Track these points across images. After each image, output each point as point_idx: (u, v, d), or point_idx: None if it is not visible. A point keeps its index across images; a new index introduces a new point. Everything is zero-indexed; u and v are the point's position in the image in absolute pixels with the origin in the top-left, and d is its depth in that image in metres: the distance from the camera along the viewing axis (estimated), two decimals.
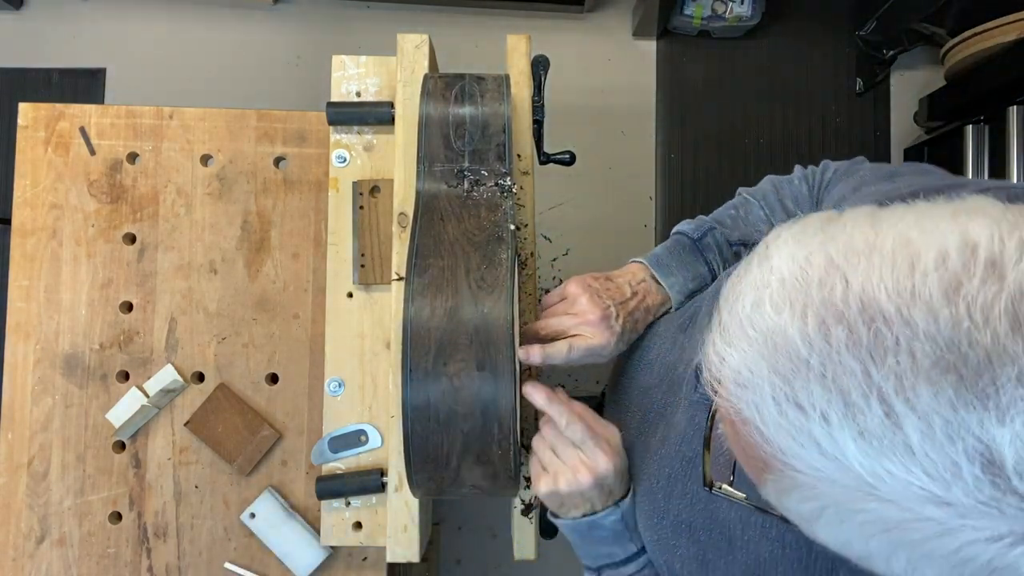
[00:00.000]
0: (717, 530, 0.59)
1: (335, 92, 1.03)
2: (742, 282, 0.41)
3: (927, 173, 0.67)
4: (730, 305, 0.40)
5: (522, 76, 0.98)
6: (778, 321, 0.36)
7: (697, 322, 0.70)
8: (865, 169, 0.74)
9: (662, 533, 0.66)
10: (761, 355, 0.37)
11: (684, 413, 0.66)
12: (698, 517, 0.61)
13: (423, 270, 0.74)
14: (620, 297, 0.79)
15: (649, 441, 0.71)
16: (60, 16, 2.08)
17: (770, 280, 0.38)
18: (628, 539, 0.72)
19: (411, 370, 0.70)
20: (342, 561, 1.03)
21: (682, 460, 0.64)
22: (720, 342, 0.40)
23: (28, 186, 1.07)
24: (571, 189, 2.03)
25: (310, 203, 1.08)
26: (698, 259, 0.82)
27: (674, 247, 0.83)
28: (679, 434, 0.65)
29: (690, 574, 0.62)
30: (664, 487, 0.66)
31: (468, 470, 0.74)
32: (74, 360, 1.05)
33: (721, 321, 0.41)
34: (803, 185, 0.82)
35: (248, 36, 2.09)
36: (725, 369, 0.39)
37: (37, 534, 1.03)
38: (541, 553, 0.93)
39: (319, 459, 0.98)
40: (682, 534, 0.63)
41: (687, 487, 0.63)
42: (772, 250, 0.40)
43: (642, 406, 0.75)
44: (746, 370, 0.37)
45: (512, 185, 0.84)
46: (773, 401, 0.36)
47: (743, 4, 1.96)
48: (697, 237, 0.82)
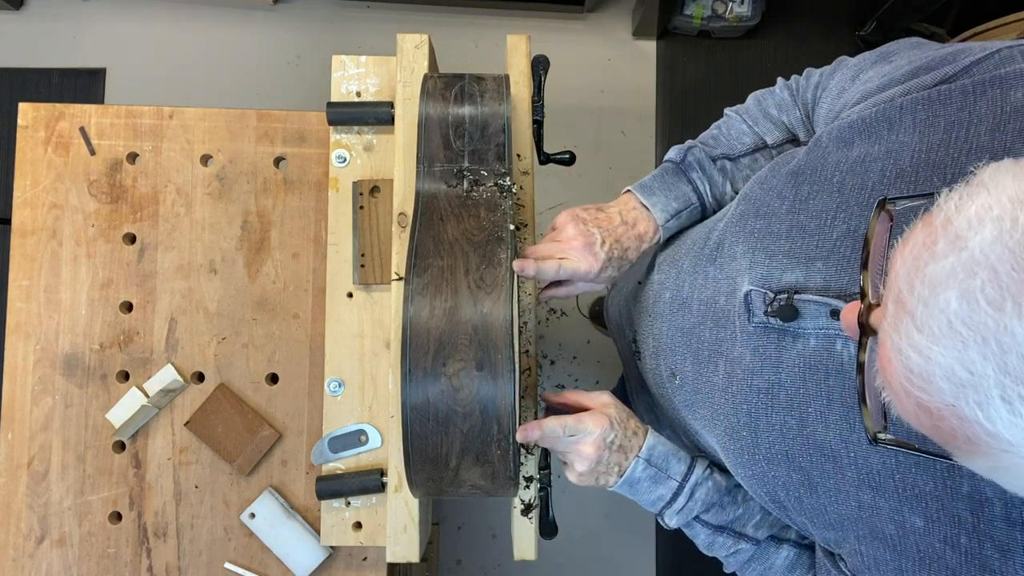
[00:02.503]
0: (818, 453, 0.59)
1: (335, 92, 1.03)
2: (933, 265, 0.37)
3: (920, 46, 0.67)
4: (924, 297, 0.37)
5: (522, 76, 0.98)
6: (1001, 320, 0.34)
7: (725, 251, 0.69)
8: (854, 59, 0.73)
9: (756, 468, 0.65)
10: (983, 356, 0.34)
11: (745, 345, 0.64)
12: (794, 445, 0.61)
13: (423, 270, 0.74)
14: (608, 225, 0.81)
15: (713, 380, 0.70)
16: (60, 16, 2.08)
17: (976, 271, 0.35)
18: (665, 476, 0.76)
19: (411, 370, 0.70)
20: (342, 561, 1.03)
21: (759, 393, 0.63)
22: (919, 337, 0.37)
23: (28, 186, 1.07)
24: (571, 189, 2.03)
25: (310, 203, 1.08)
26: (681, 179, 0.83)
27: (660, 172, 0.85)
28: (746, 367, 0.64)
29: (797, 499, 0.62)
30: (748, 423, 0.65)
31: (467, 470, 0.74)
32: (74, 360, 1.05)
33: (914, 313, 0.37)
34: (784, 92, 0.82)
35: (248, 36, 2.09)
36: (932, 367, 0.36)
37: (37, 534, 1.03)
38: (541, 553, 0.93)
39: (319, 459, 0.98)
40: (780, 464, 0.62)
41: (773, 419, 0.62)
42: (966, 227, 0.36)
43: (691, 347, 0.74)
44: (964, 371, 0.35)
45: (512, 185, 0.84)
46: (1003, 401, 0.34)
47: (743, 4, 1.96)
48: (679, 160, 0.84)
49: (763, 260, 0.63)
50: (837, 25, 2.10)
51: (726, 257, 0.69)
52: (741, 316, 0.64)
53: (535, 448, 0.91)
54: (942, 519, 0.52)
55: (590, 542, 1.92)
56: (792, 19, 2.10)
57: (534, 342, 0.94)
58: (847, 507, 0.58)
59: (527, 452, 0.91)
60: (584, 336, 1.99)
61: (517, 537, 0.91)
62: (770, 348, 0.62)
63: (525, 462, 0.90)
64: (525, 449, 0.91)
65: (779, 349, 0.61)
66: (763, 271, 0.63)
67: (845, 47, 2.09)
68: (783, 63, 2.08)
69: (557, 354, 1.99)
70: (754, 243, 0.65)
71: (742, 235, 0.67)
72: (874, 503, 0.56)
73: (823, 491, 0.59)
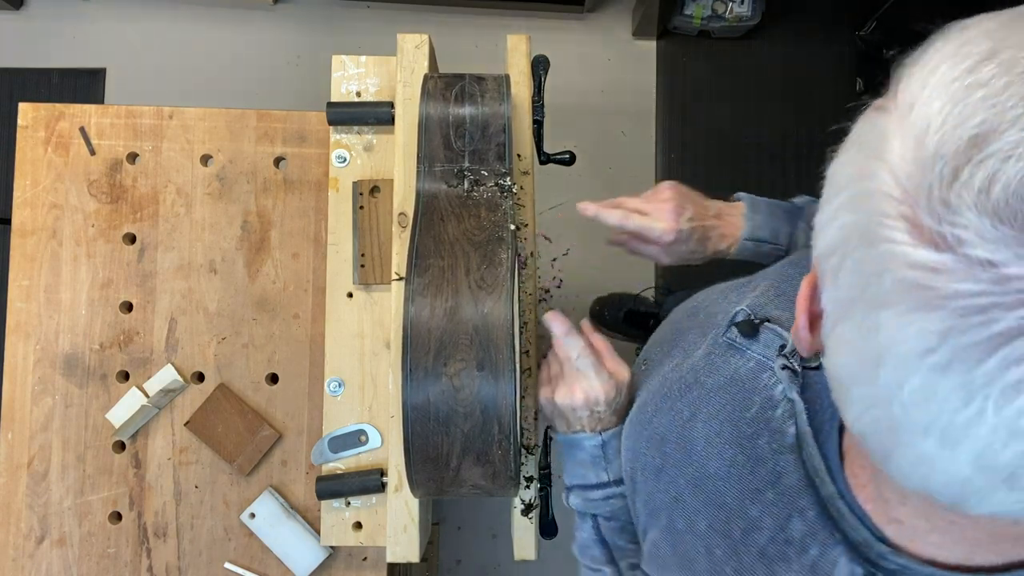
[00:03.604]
0: (683, 445, 0.62)
1: (335, 92, 1.03)
2: None
3: None
4: None
5: (522, 76, 0.98)
6: None
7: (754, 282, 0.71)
8: None
9: (638, 442, 0.68)
10: None
11: (704, 348, 0.67)
12: (672, 432, 0.64)
13: (423, 270, 0.74)
14: (702, 210, 0.83)
15: (663, 367, 0.73)
16: (60, 16, 2.08)
17: None
18: (603, 468, 0.76)
19: (411, 370, 0.70)
20: (342, 561, 1.03)
21: (682, 382, 0.66)
22: None
23: (28, 186, 1.07)
24: (571, 189, 2.03)
25: (310, 203, 1.08)
26: (788, 220, 0.84)
27: (778, 203, 0.86)
28: (690, 363, 0.67)
29: (645, 483, 0.65)
30: (655, 403, 0.68)
31: (468, 470, 0.74)
32: (74, 360, 1.05)
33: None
34: None
35: (248, 36, 2.08)
36: None
37: (37, 534, 1.03)
38: (541, 553, 0.93)
39: (319, 459, 0.98)
40: (654, 445, 0.65)
41: (676, 405, 0.65)
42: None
43: (672, 342, 0.76)
44: None
45: (512, 185, 0.84)
46: None
47: (743, 4, 1.95)
48: (800, 204, 0.85)
49: (772, 296, 0.65)
50: (837, 25, 2.10)
51: (750, 287, 0.71)
52: (720, 328, 0.66)
53: (535, 448, 0.91)
54: (716, 530, 0.55)
55: None
56: (792, 19, 2.10)
57: (534, 342, 0.94)
58: (668, 496, 0.61)
59: (527, 452, 0.91)
60: None
61: (517, 537, 0.91)
62: (718, 356, 0.64)
63: (525, 462, 0.91)
64: (525, 449, 0.91)
65: (724, 359, 0.63)
66: (762, 301, 0.65)
67: (845, 47, 2.09)
68: (783, 63, 2.08)
69: None
70: (778, 282, 0.67)
71: (772, 273, 0.69)
72: (686, 500, 0.59)
73: (665, 479, 0.62)
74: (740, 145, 2.07)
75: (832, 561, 0.47)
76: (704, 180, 2.05)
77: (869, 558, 0.45)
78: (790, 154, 2.08)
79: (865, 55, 2.07)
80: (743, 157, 2.07)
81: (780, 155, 2.07)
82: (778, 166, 2.07)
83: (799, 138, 2.08)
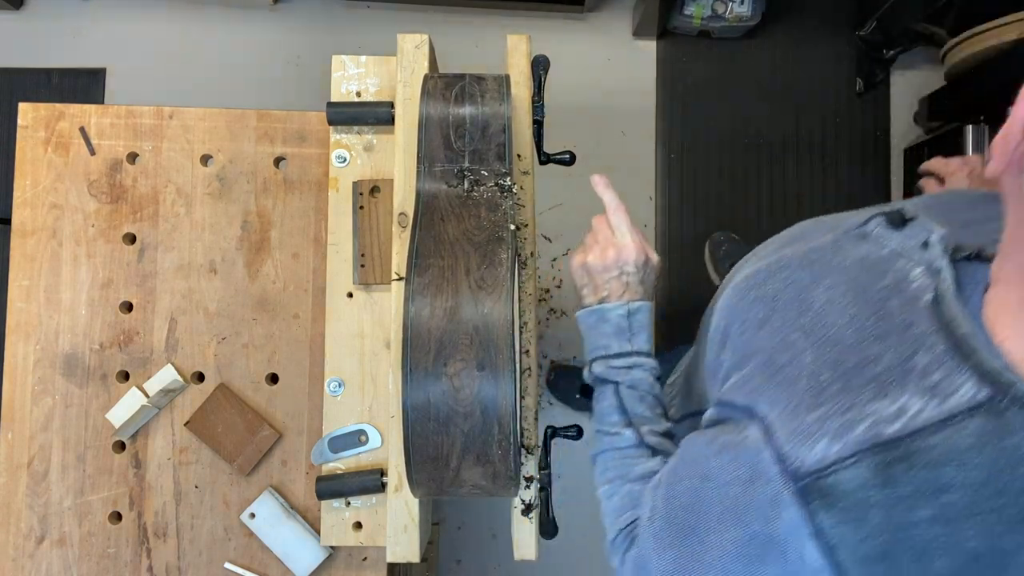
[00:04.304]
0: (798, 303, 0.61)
1: (335, 92, 1.03)
2: None
3: None
4: None
5: (522, 76, 0.98)
6: None
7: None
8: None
9: (741, 300, 0.66)
10: None
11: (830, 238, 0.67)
12: (787, 292, 0.64)
13: (423, 270, 0.74)
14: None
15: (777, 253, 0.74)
16: (60, 16, 2.08)
17: None
18: (627, 339, 0.78)
19: (411, 370, 0.70)
20: (342, 561, 1.03)
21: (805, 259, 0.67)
22: None
23: (28, 186, 1.07)
24: (571, 189, 2.03)
25: (310, 203, 1.08)
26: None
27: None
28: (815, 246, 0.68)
29: (741, 334, 0.65)
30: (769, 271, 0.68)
31: (468, 470, 0.74)
32: (74, 360, 1.05)
33: None
34: None
35: (248, 36, 2.08)
36: None
37: (37, 534, 1.03)
38: (541, 553, 0.93)
39: (319, 459, 0.98)
40: (761, 302, 0.65)
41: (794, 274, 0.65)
42: None
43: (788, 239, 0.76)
44: None
45: (512, 185, 0.84)
46: None
47: (743, 4, 1.96)
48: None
49: (920, 207, 0.65)
50: (837, 25, 2.10)
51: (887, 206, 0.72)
52: (853, 223, 0.66)
53: (535, 448, 0.91)
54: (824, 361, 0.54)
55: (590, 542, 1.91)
56: (792, 19, 2.10)
57: (534, 342, 0.94)
58: (772, 341, 0.60)
59: (527, 452, 0.91)
60: None
61: (517, 537, 0.92)
62: (847, 242, 0.63)
63: (525, 462, 0.91)
64: (525, 449, 0.91)
65: (853, 245, 0.63)
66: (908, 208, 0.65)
67: (845, 47, 2.09)
68: (783, 63, 2.08)
69: (557, 354, 1.99)
70: (930, 202, 0.67)
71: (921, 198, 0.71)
72: (794, 342, 0.58)
73: (769, 328, 0.61)
74: (740, 145, 2.08)
75: (956, 385, 0.49)
76: (704, 180, 2.06)
77: (998, 382, 0.47)
78: (790, 154, 2.08)
79: (865, 55, 2.08)
80: (743, 157, 2.07)
81: (780, 155, 2.07)
82: (778, 166, 2.07)
83: (799, 138, 2.08)
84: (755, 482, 0.53)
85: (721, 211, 2.04)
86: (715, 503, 0.56)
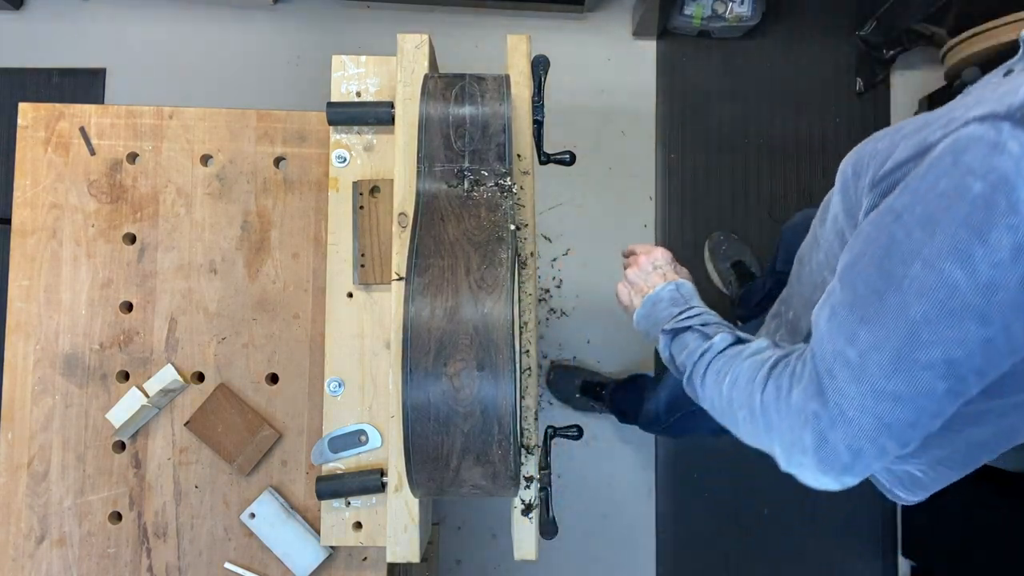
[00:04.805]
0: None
1: (335, 92, 1.03)
2: None
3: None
4: None
5: (522, 76, 0.98)
6: None
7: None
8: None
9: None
10: None
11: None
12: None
13: (423, 270, 0.74)
14: None
15: None
16: (60, 16, 2.08)
17: None
18: (683, 303, 0.87)
19: (411, 370, 0.70)
20: (342, 561, 1.03)
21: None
22: None
23: (28, 186, 1.07)
24: (571, 189, 2.03)
25: (310, 203, 1.08)
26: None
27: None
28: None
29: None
30: None
31: (468, 470, 0.74)
32: (74, 360, 1.05)
33: None
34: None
35: (248, 36, 2.08)
36: None
37: (37, 534, 1.03)
38: (541, 553, 0.93)
39: (319, 459, 0.98)
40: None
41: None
42: None
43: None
44: None
45: (512, 185, 0.84)
46: None
47: (743, 4, 1.95)
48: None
49: None
50: (837, 25, 2.10)
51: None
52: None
53: (535, 448, 0.91)
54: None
55: (590, 542, 1.92)
56: (792, 19, 2.10)
57: (534, 342, 0.94)
58: None
59: (527, 452, 0.91)
60: (584, 336, 1.99)
61: (517, 537, 0.92)
62: None
63: (525, 462, 0.91)
64: (525, 449, 0.91)
65: None
66: None
67: (845, 47, 2.09)
68: (783, 63, 2.08)
69: (557, 354, 1.99)
70: None
71: None
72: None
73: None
74: (740, 145, 2.07)
75: None
76: (704, 180, 2.06)
77: None
78: (790, 154, 2.08)
79: (865, 55, 2.07)
80: (743, 157, 2.07)
81: (780, 155, 2.07)
82: (778, 166, 2.07)
83: (799, 138, 2.08)
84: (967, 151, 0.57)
85: (721, 211, 2.04)
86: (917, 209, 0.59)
